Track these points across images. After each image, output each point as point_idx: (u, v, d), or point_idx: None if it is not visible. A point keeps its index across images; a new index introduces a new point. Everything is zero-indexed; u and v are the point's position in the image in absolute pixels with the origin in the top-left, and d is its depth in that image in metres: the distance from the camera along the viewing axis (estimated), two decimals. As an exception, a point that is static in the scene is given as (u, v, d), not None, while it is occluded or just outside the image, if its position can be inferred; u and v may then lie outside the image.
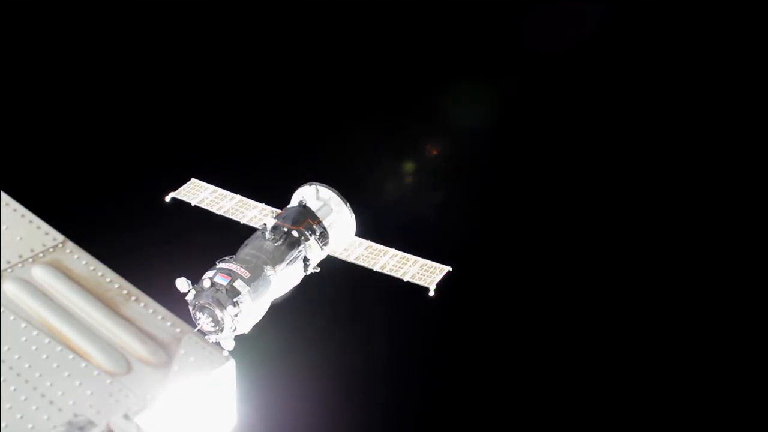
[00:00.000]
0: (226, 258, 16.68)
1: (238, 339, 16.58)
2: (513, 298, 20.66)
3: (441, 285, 18.23)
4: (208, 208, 19.49)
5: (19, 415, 5.20)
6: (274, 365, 18.40)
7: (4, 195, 6.47)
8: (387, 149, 22.83)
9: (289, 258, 17.18)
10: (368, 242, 18.97)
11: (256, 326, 16.95)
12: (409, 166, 20.58)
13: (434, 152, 19.38)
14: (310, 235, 17.58)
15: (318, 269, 18.08)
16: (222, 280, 15.88)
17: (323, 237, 18.12)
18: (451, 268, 18.54)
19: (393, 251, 18.94)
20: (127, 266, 6.20)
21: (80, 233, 6.43)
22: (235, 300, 15.77)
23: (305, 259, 17.70)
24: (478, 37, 23.91)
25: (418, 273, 18.38)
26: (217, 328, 15.78)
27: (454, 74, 24.08)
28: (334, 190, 18.54)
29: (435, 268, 18.53)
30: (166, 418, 5.37)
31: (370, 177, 21.75)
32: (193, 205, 19.64)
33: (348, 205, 18.50)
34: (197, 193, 19.81)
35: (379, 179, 21.79)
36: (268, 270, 16.65)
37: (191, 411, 5.51)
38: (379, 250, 18.88)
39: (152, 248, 19.82)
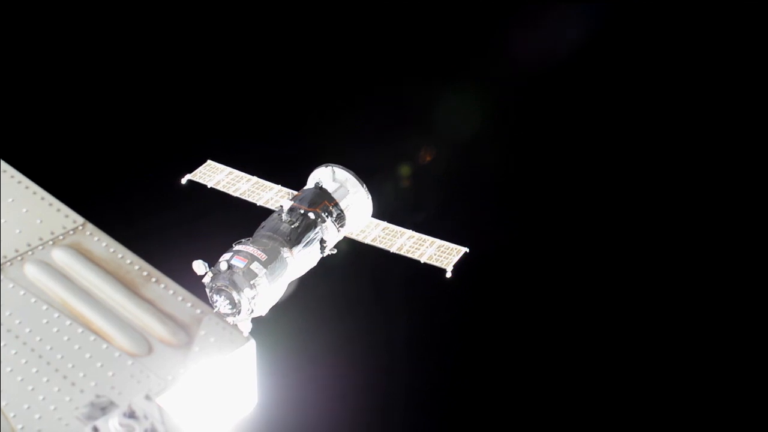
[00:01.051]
0: (243, 240, 16.74)
1: (255, 321, 16.66)
2: (530, 279, 20.67)
3: (458, 266, 18.24)
4: (225, 190, 19.54)
5: (41, 397, 5.27)
6: (291, 347, 18.49)
7: (24, 178, 6.54)
8: (404, 129, 22.82)
9: (305, 240, 17.23)
10: (385, 223, 18.99)
11: (273, 308, 17.02)
12: (405, 170, 20.56)
13: (428, 158, 19.35)
14: (327, 216, 17.62)
15: (335, 251, 18.12)
16: (239, 262, 15.94)
17: (340, 218, 18.16)
18: (468, 249, 18.55)
19: (410, 232, 18.97)
20: (143, 249, 6.26)
21: (96, 216, 6.49)
22: (252, 282, 15.84)
23: (322, 241, 17.75)
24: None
25: (435, 254, 18.41)
26: (234, 310, 15.86)
27: (474, 52, 24.04)
28: (350, 172, 18.56)
29: (452, 249, 18.55)
30: (187, 398, 5.43)
31: (387, 157, 21.75)
32: (209, 187, 19.70)
33: (364, 186, 18.52)
34: (213, 175, 19.87)
35: (396, 160, 21.79)
36: (285, 252, 16.71)
37: (212, 391, 5.57)
38: (396, 231, 18.91)
39: (169, 231, 19.90)
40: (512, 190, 22.19)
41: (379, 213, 19.50)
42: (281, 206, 17.50)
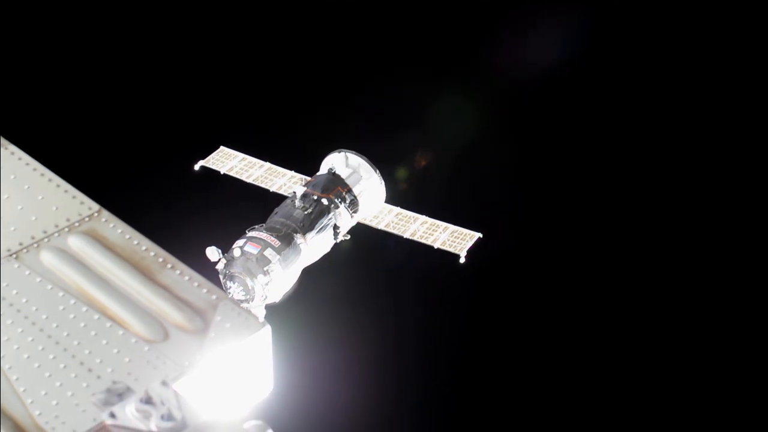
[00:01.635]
0: (256, 226, 16.79)
1: (269, 308, 16.71)
2: (545, 264, 20.67)
3: (471, 252, 18.26)
4: (238, 176, 19.58)
5: (58, 383, 5.32)
6: (305, 333, 18.55)
7: (39, 165, 6.58)
8: (418, 114, 22.81)
9: (319, 226, 17.27)
10: (398, 209, 19.01)
11: (287, 295, 17.07)
12: (402, 173, 20.55)
13: (423, 163, 19.33)
14: (340, 202, 17.65)
15: (348, 237, 18.16)
16: (252, 248, 16.00)
17: (353, 204, 18.19)
18: (481, 235, 18.56)
19: (423, 218, 18.98)
20: (156, 235, 6.30)
21: (109, 203, 6.54)
22: (265, 269, 15.89)
23: (335, 227, 17.79)
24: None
25: (448, 240, 18.43)
26: (248, 297, 15.92)
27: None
28: (363, 157, 18.58)
29: (465, 234, 18.57)
30: (203, 384, 5.47)
31: (400, 143, 21.75)
32: (222, 173, 19.75)
33: (378, 171, 18.54)
34: (226, 161, 19.92)
35: (408, 145, 21.79)
36: (299, 238, 16.75)
37: (228, 377, 5.61)
38: (409, 217, 18.93)
39: (181, 217, 19.96)
40: (526, 175, 22.17)
41: (392, 199, 19.52)
42: (294, 192, 17.54)
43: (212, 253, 16.04)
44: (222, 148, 20.35)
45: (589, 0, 23.45)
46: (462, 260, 18.30)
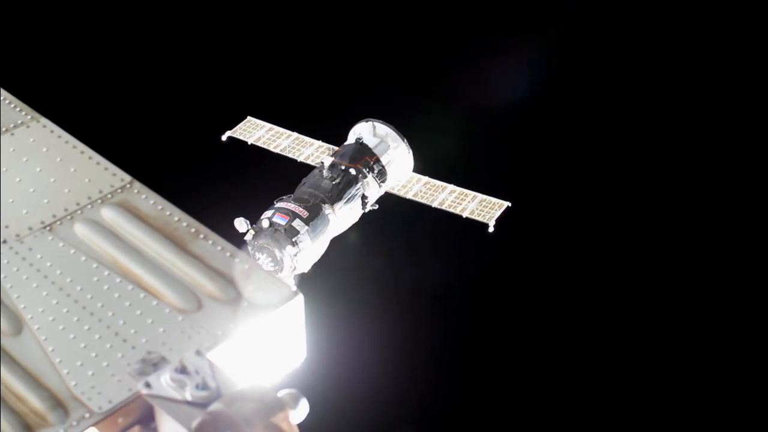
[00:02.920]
0: (284, 197, 16.85)
1: (298, 278, 16.80)
2: (573, 233, 20.64)
3: (500, 221, 18.26)
4: (265, 147, 19.64)
5: (93, 354, 5.39)
6: (335, 304, 18.65)
7: (71, 138, 6.64)
8: (446, 83, 22.76)
9: (347, 196, 17.31)
10: (426, 178, 19.02)
11: (316, 265, 17.15)
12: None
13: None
14: (368, 172, 17.67)
15: (376, 206, 18.20)
16: (280, 219, 16.06)
17: (381, 174, 18.21)
18: (510, 204, 18.55)
19: (452, 187, 18.99)
20: (184, 207, 6.36)
21: (138, 175, 6.60)
22: (294, 240, 15.96)
23: (363, 197, 17.82)
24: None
25: (477, 209, 18.44)
26: (277, 268, 16.01)
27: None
28: (391, 126, 18.57)
29: (494, 203, 18.56)
30: (237, 353, 5.53)
31: (430, 111, 21.72)
32: (249, 143, 19.80)
33: (405, 140, 18.53)
34: (253, 131, 19.97)
35: (436, 114, 21.76)
36: (327, 209, 16.81)
37: (262, 346, 5.67)
38: (438, 186, 18.95)
39: (208, 188, 20.06)
40: (555, 145, 22.10)
41: (420, 168, 19.52)
42: (322, 162, 17.58)
43: (240, 224, 16.12)
44: (249, 118, 20.39)
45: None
46: (490, 229, 18.30)
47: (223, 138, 20.45)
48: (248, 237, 16.45)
